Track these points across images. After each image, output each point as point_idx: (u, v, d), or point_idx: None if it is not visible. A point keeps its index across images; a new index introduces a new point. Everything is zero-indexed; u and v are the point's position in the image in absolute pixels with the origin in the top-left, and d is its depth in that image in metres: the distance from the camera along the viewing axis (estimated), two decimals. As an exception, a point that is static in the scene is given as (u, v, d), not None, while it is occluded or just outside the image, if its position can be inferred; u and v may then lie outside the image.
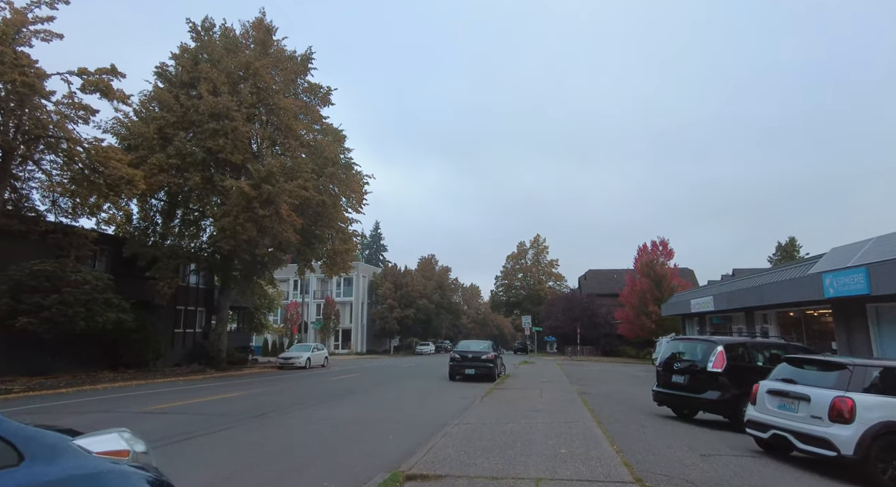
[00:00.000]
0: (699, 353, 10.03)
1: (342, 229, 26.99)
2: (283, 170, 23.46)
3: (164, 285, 23.20)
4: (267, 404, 11.91)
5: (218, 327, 27.61)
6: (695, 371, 9.85)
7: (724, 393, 9.21)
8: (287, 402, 12.39)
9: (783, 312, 21.15)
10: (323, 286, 62.94)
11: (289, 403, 12.19)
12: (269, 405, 11.75)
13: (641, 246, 51.06)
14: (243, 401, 12.65)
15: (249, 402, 12.42)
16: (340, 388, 16.68)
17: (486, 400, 12.59)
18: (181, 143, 22.37)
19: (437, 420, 9.68)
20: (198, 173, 22.99)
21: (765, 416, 7.03)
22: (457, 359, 19.93)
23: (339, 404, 12.32)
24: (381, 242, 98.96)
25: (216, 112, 22.87)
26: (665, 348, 11.12)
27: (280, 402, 12.42)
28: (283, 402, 12.44)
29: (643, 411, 11.22)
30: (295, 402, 12.44)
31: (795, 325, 20.96)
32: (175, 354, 29.77)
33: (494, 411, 10.63)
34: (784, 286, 16.89)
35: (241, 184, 21.42)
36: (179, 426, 8.69)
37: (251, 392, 15.46)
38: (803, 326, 19.86)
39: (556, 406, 11.44)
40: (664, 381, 10.57)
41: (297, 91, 28.97)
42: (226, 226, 21.92)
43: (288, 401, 12.60)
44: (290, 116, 25.74)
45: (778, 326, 20.89)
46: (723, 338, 10.01)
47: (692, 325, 32.58)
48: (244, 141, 23.58)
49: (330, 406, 11.75)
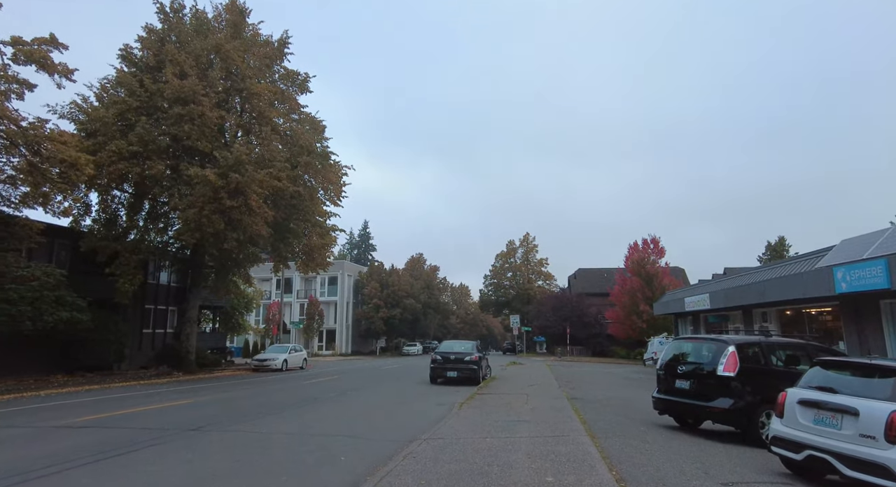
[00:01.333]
0: (707, 354, 8.73)
1: (320, 223, 25.43)
2: (253, 159, 21.91)
3: (124, 282, 21.54)
4: (212, 415, 10.42)
5: (186, 327, 25.95)
6: (702, 375, 8.55)
7: (738, 401, 7.91)
8: (238, 412, 10.91)
9: (784, 310, 20.05)
10: (307, 285, 61.21)
11: (240, 413, 10.71)
12: (214, 416, 10.26)
13: (632, 245, 49.99)
14: (188, 411, 11.15)
15: (194, 412, 10.92)
16: (308, 394, 15.20)
17: (465, 408, 11.22)
18: (143, 129, 20.73)
19: (405, 435, 8.29)
20: (161, 162, 21.37)
21: (797, 433, 5.73)
22: (438, 361, 18.53)
23: (297, 414, 10.87)
24: (369, 241, 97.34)
25: (181, 96, 21.27)
26: (667, 348, 9.81)
27: (230, 412, 10.94)
28: (233, 412, 10.96)
29: (642, 420, 9.90)
30: (248, 412, 10.96)
31: (794, 324, 19.88)
32: (142, 356, 28.07)
33: (473, 422, 9.26)
34: (788, 281, 15.72)
35: (206, 173, 19.84)
36: (87, 446, 7.20)
37: (205, 398, 13.93)
38: (805, 325, 18.76)
39: (543, 415, 10.09)
40: (666, 386, 9.25)
41: (274, 78, 27.40)
42: (190, 218, 20.33)
43: (240, 411, 11.12)
44: (264, 103, 24.19)
45: (779, 325, 19.78)
46: (734, 337, 8.71)
47: (685, 325, 31.48)
48: (212, 127, 21.98)
49: (286, 417, 10.29)
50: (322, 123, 27.73)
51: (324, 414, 10.82)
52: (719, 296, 22.09)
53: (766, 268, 18.88)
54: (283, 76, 27.54)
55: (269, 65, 26.55)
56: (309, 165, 22.98)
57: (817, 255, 15.56)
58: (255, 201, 21.00)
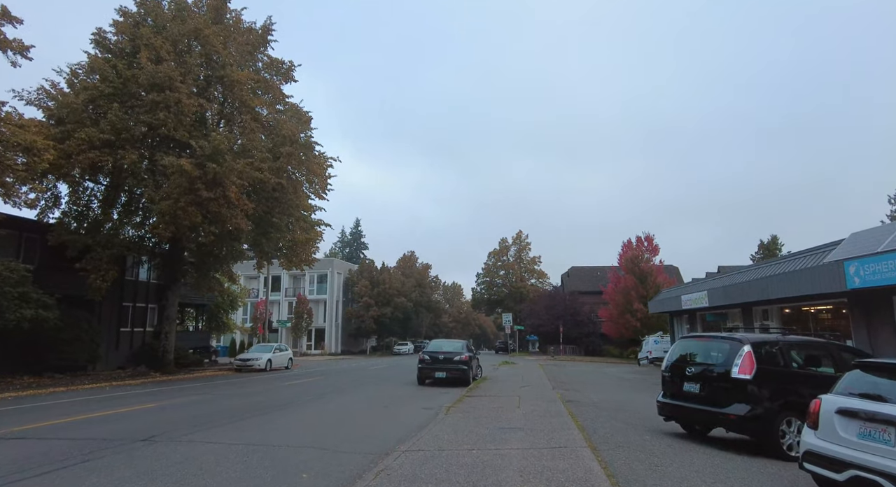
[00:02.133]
0: (719, 355, 7.86)
1: (304, 217, 24.38)
2: (233, 148, 20.83)
3: (96, 278, 20.40)
4: (172, 421, 9.43)
5: (165, 325, 24.83)
6: (714, 377, 7.68)
7: (755, 407, 7.05)
8: (202, 418, 9.92)
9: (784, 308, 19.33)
10: (295, 283, 60.05)
11: (203, 419, 9.72)
12: (173, 423, 9.26)
13: (626, 242, 49.42)
14: (147, 417, 10.15)
15: (153, 418, 9.92)
16: (285, 397, 14.21)
17: (452, 413, 10.30)
18: (115, 117, 19.59)
19: (383, 446, 7.36)
20: (136, 151, 20.25)
21: (837, 449, 4.85)
22: (426, 361, 17.60)
23: (267, 420, 9.89)
24: (361, 240, 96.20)
25: (157, 82, 20.16)
26: (673, 348, 8.93)
27: (194, 418, 9.94)
28: (197, 418, 9.96)
29: (645, 427, 9.02)
30: (213, 417, 9.97)
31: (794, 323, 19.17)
32: (120, 356, 26.92)
33: (459, 429, 8.34)
34: (794, 277, 14.94)
35: (181, 162, 18.75)
36: (15, 462, 6.19)
37: (173, 402, 12.91)
38: (810, 323, 18.04)
39: (537, 421, 9.19)
40: (673, 390, 8.38)
41: (257, 66, 26.30)
42: (165, 210, 19.23)
43: (205, 417, 10.12)
44: (246, 92, 23.11)
45: (780, 324, 19.04)
46: (749, 335, 7.85)
47: (681, 323, 30.74)
48: (190, 116, 20.87)
49: (253, 424, 9.32)
50: (308, 114, 26.68)
51: (296, 421, 9.86)
52: (718, 294, 21.33)
53: (769, 264, 18.13)
54: (266, 64, 26.44)
55: (251, 52, 25.46)
56: (292, 156, 21.91)
57: (824, 250, 14.80)
58: (233, 193, 19.94)
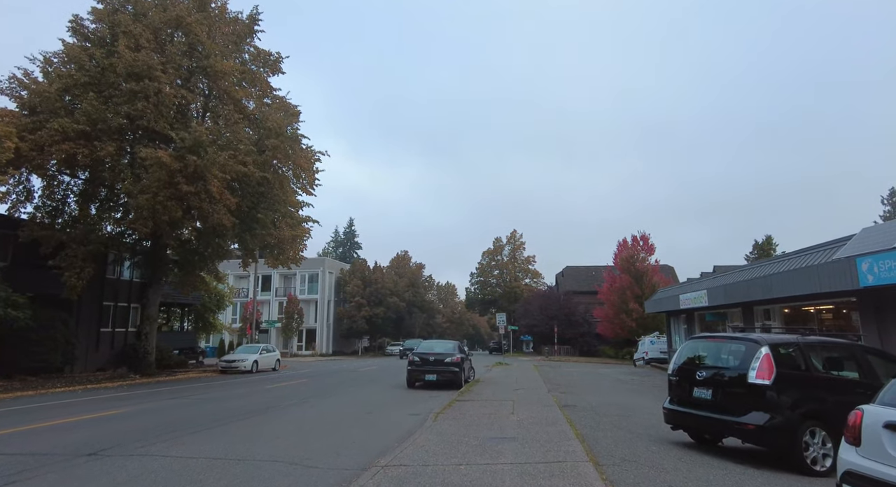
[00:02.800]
0: (733, 357, 7.14)
1: (291, 213, 23.51)
2: (216, 141, 19.96)
3: (70, 276, 19.45)
4: (131, 431, 8.60)
5: (145, 325, 23.89)
6: (728, 382, 6.96)
7: (775, 416, 6.32)
8: (167, 426, 9.09)
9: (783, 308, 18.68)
10: (286, 283, 59.05)
11: (167, 428, 8.89)
12: (132, 432, 8.44)
13: (621, 242, 48.75)
14: (105, 425, 9.32)
15: (111, 427, 9.10)
16: (266, 401, 13.38)
17: (441, 420, 9.53)
18: (91, 107, 18.68)
19: (361, 459, 6.58)
20: (113, 143, 19.32)
21: (887, 469, 4.12)
22: (416, 363, 16.80)
23: (238, 427, 9.08)
24: (355, 239, 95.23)
25: (135, 71, 19.26)
26: (681, 349, 8.20)
27: (157, 426, 9.12)
28: (161, 426, 9.14)
29: (650, 437, 8.28)
30: (179, 425, 9.14)
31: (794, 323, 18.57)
32: (100, 357, 25.95)
33: (447, 439, 7.57)
34: (800, 275, 14.27)
35: (159, 154, 17.88)
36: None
37: (142, 407, 12.07)
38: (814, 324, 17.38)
39: (532, 430, 8.44)
40: (681, 396, 7.65)
41: (244, 58, 25.43)
42: (142, 204, 18.33)
43: (170, 424, 9.29)
44: (230, 83, 22.24)
45: (782, 324, 18.40)
46: (766, 336, 7.13)
47: (679, 323, 30.10)
48: (171, 106, 19.99)
49: (222, 433, 8.50)
50: (296, 107, 25.81)
51: (270, 429, 9.04)
52: (718, 293, 20.67)
53: (772, 262, 17.49)
54: (253, 56, 25.56)
55: (237, 43, 24.57)
56: (277, 149, 21.04)
57: (831, 246, 14.15)
58: (215, 187, 19.07)
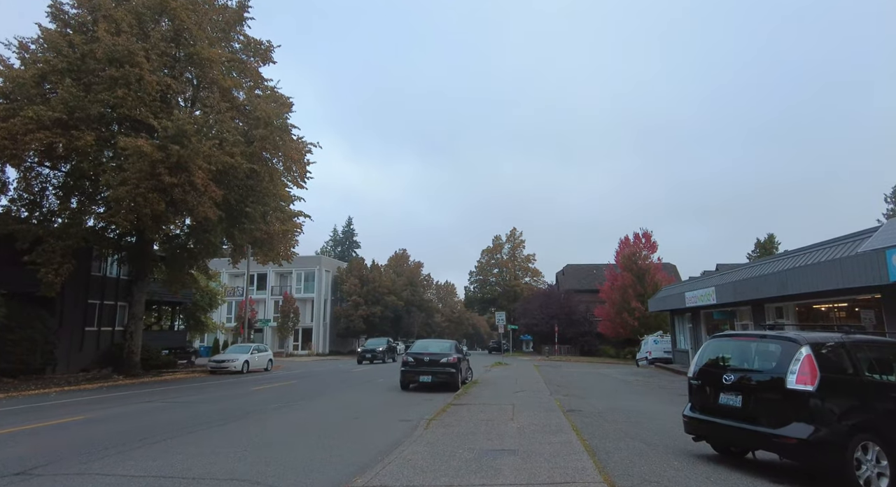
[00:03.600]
0: (766, 358, 6.21)
1: (281, 207, 22.55)
2: (201, 130, 19.02)
3: (47, 272, 18.49)
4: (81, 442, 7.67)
5: (130, 324, 22.96)
6: (761, 388, 6.02)
7: (821, 429, 5.38)
8: (126, 436, 8.16)
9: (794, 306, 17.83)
10: (281, 281, 58.08)
11: (125, 438, 7.95)
12: (81, 444, 7.50)
13: (623, 239, 47.87)
14: (56, 434, 8.40)
15: (61, 437, 8.19)
16: (247, 405, 12.45)
17: (433, 428, 8.60)
18: (68, 93, 17.73)
19: (335, 478, 5.67)
20: (92, 132, 18.38)
21: None
22: (410, 364, 15.85)
23: (205, 436, 8.15)
24: (353, 238, 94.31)
25: (115, 56, 18.32)
26: (703, 349, 7.26)
27: (114, 435, 8.19)
28: (120, 435, 8.21)
29: (669, 448, 7.35)
30: (138, 435, 8.21)
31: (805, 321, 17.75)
32: (85, 357, 24.99)
33: (438, 452, 6.64)
34: (820, 269, 13.36)
35: (138, 143, 16.93)
36: None
37: (109, 412, 11.14)
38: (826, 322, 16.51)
39: (534, 439, 7.51)
40: (704, 402, 6.71)
41: (234, 47, 24.50)
42: (122, 196, 17.39)
43: (131, 433, 8.37)
44: (218, 71, 21.29)
45: (797, 322, 17.53)
46: (806, 334, 6.18)
47: (683, 322, 29.20)
48: (153, 94, 19.03)
49: (185, 443, 7.57)
50: (289, 99, 24.85)
51: (243, 438, 8.11)
52: (727, 290, 19.76)
53: (786, 257, 16.59)
54: (244, 45, 24.62)
55: (225, 30, 23.63)
56: (266, 139, 20.07)
57: (853, 239, 13.23)
58: (199, 178, 18.12)
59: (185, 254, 23.97)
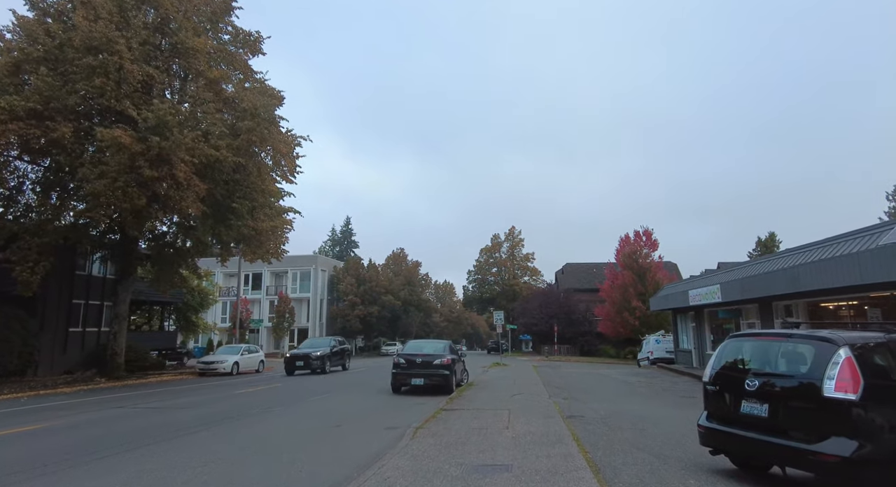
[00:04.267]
0: (796, 361, 5.41)
1: (269, 203, 21.71)
2: (184, 121, 18.19)
3: (23, 270, 17.67)
4: (28, 456, 6.89)
5: (114, 324, 22.14)
6: (791, 395, 5.22)
7: (866, 444, 4.58)
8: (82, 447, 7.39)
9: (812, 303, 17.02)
10: (277, 281, 57.25)
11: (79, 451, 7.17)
12: (27, 459, 6.72)
13: (623, 237, 47.08)
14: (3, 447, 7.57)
15: (9, 450, 7.35)
16: (224, 411, 11.63)
17: (420, 437, 7.80)
18: (43, 83, 16.92)
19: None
20: (69, 124, 17.55)
21: None
22: (402, 365, 15.03)
23: (167, 449, 7.36)
24: (352, 238, 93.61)
25: (93, 44, 17.50)
26: (720, 350, 6.45)
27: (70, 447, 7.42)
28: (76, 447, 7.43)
29: (682, 462, 6.55)
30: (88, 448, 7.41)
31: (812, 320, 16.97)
32: (69, 359, 24.15)
33: (421, 468, 5.84)
34: (837, 264, 12.56)
35: (116, 134, 16.12)
36: None
37: (75, 419, 10.34)
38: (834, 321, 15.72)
39: (531, 452, 6.70)
40: (722, 411, 5.90)
41: (222, 38, 23.66)
42: (100, 190, 16.57)
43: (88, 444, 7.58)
44: (204, 61, 20.46)
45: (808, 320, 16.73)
46: (844, 334, 5.36)
47: (686, 321, 28.36)
48: (134, 84, 18.22)
49: (142, 457, 6.78)
50: (279, 92, 24.01)
51: (205, 451, 7.30)
52: (734, 287, 18.95)
53: (797, 252, 15.79)
54: (232, 36, 23.78)
55: (213, 20, 22.79)
56: (252, 131, 19.23)
57: (872, 231, 12.44)
58: (182, 172, 17.31)
59: (172, 253, 23.16)
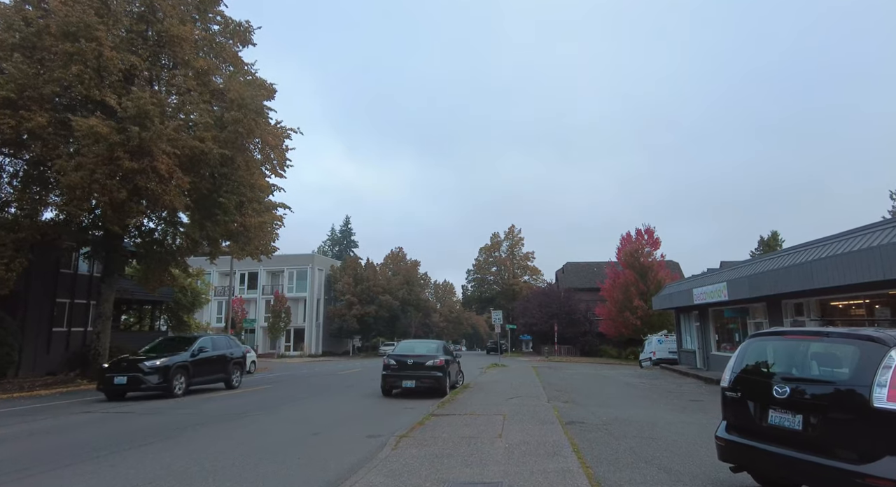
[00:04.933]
0: (834, 365, 4.62)
1: (258, 197, 20.90)
2: (165, 111, 17.40)
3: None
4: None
5: (97, 324, 21.31)
6: (830, 404, 4.42)
7: (928, 467, 3.78)
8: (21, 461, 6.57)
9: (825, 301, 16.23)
10: (273, 280, 56.46)
11: (11, 466, 6.36)
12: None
13: (625, 236, 46.35)
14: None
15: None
16: (193, 415, 10.83)
17: (402, 447, 7.00)
18: (16, 69, 16.14)
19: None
20: (45, 113, 16.76)
21: None
22: (392, 367, 14.22)
23: (99, 468, 6.55)
24: (351, 238, 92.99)
25: (70, 30, 16.70)
26: (740, 351, 5.64)
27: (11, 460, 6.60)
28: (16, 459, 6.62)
29: (696, 477, 5.76)
30: (16, 465, 6.62)
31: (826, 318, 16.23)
32: (52, 360, 23.35)
33: (400, 484, 5.04)
34: (854, 259, 11.76)
35: (91, 123, 15.32)
36: None
37: (31, 427, 9.54)
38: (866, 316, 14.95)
39: (524, 466, 5.90)
40: (746, 422, 5.10)
41: (212, 28, 22.86)
42: (76, 182, 15.78)
43: (23, 460, 6.77)
44: (190, 50, 19.65)
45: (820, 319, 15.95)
46: (893, 333, 4.56)
47: (689, 321, 27.58)
48: (116, 73, 17.43)
49: (63, 478, 5.97)
50: (272, 85, 23.18)
51: (158, 465, 6.50)
52: (741, 285, 18.14)
53: (809, 247, 14.98)
54: (222, 27, 22.96)
55: (200, 9, 21.97)
56: (239, 122, 18.42)
57: (893, 224, 11.65)
58: (164, 164, 16.50)
59: (161, 250, 22.37)
